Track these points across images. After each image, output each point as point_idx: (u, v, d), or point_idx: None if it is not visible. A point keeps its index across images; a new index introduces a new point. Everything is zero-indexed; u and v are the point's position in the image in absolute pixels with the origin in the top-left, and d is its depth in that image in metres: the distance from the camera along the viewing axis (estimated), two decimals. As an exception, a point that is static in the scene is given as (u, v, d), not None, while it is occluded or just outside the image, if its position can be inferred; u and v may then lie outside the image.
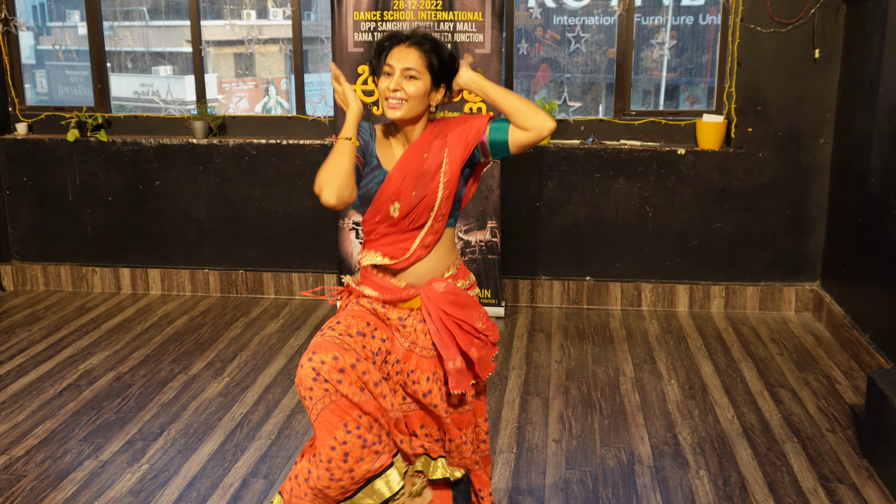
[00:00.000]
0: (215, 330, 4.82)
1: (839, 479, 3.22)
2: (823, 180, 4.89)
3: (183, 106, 5.61)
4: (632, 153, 4.96)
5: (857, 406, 3.78)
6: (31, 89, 5.96)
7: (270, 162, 5.20)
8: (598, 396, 3.94)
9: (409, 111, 2.28)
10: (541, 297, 5.20)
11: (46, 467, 3.34)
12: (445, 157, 2.31)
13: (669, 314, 5.05)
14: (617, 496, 3.13)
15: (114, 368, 4.29)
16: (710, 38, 5.28)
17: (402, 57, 2.26)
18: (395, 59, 2.27)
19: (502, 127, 2.29)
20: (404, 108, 2.27)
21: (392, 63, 2.27)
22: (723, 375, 4.16)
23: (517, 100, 2.26)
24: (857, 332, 4.33)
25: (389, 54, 2.29)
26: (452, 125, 2.35)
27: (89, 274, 5.50)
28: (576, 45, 5.25)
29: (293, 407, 3.84)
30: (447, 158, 2.31)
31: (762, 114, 4.86)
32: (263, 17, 5.60)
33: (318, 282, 5.32)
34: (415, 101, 2.27)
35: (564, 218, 5.08)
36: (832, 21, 4.69)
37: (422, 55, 2.27)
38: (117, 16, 5.60)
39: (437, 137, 2.34)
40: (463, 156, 2.31)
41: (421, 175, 2.31)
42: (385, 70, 2.29)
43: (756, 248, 5.02)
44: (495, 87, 2.31)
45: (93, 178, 5.35)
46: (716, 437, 3.54)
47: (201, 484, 3.21)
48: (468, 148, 2.31)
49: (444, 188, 2.31)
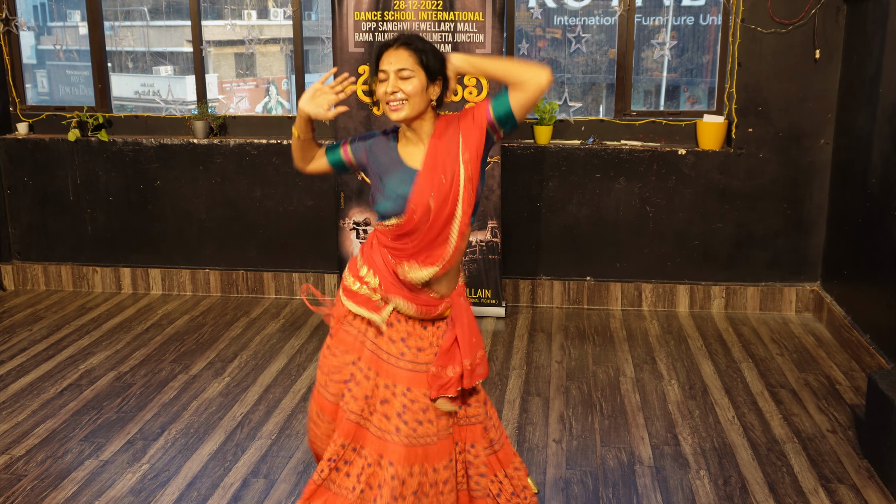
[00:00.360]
0: (216, 330, 4.82)
1: (840, 479, 3.22)
2: (824, 181, 4.89)
3: (184, 106, 5.62)
4: (632, 153, 4.96)
5: (857, 406, 3.78)
6: (32, 89, 5.96)
7: (271, 162, 5.20)
8: (599, 397, 3.95)
9: (411, 110, 2.31)
10: (541, 298, 5.20)
11: (47, 467, 3.34)
12: (461, 140, 2.35)
13: (670, 314, 5.05)
14: (617, 496, 3.13)
15: (114, 368, 4.29)
16: (710, 39, 5.28)
17: (392, 60, 2.31)
18: (386, 64, 2.32)
19: (501, 96, 2.33)
20: (406, 107, 2.30)
21: (385, 68, 2.32)
22: (723, 376, 4.17)
23: (508, 62, 2.32)
24: (857, 332, 4.33)
25: (380, 61, 2.34)
26: (461, 116, 2.40)
27: (90, 274, 5.50)
28: (576, 46, 5.25)
29: (293, 407, 3.84)
30: (462, 142, 2.34)
31: (763, 114, 4.86)
32: (264, 17, 5.60)
33: (318, 282, 5.32)
34: (414, 99, 2.30)
35: (565, 218, 5.08)
36: (833, 21, 4.69)
37: (411, 53, 2.31)
38: (118, 16, 5.60)
39: (449, 126, 2.39)
40: (479, 138, 2.35)
41: (446, 163, 2.35)
42: (380, 77, 2.33)
43: (756, 249, 5.02)
44: (485, 58, 2.41)
45: (93, 177, 5.36)
46: (716, 438, 3.55)
47: (202, 484, 3.22)
48: (481, 129, 2.35)
49: (465, 169, 2.34)
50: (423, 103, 2.33)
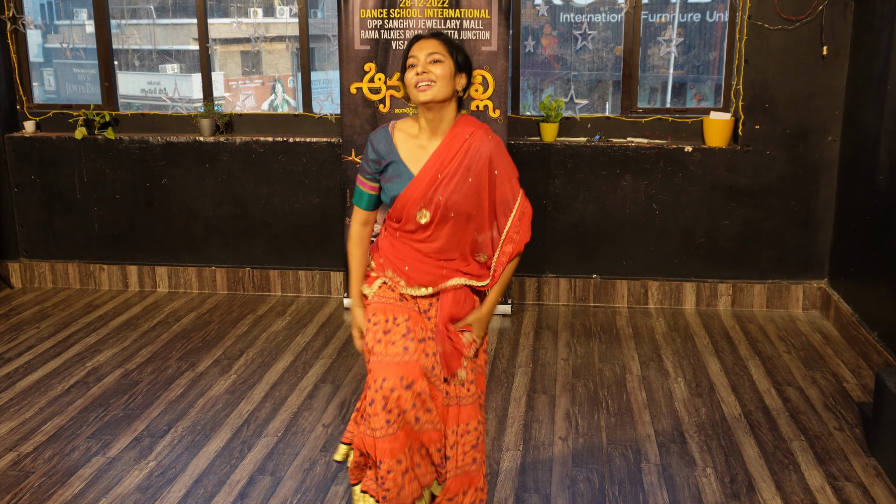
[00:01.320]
0: (222, 327, 4.83)
1: (846, 477, 3.21)
2: (831, 178, 4.88)
3: (190, 104, 5.62)
4: (639, 151, 4.95)
5: (864, 404, 3.77)
6: (39, 87, 5.98)
7: (277, 160, 5.21)
8: (605, 394, 3.94)
9: (438, 92, 2.39)
10: (547, 295, 5.20)
11: (54, 464, 3.35)
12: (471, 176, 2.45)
13: (676, 312, 5.04)
14: (623, 494, 3.12)
15: (121, 366, 4.30)
16: (717, 36, 5.27)
17: (423, 46, 2.43)
18: (417, 51, 2.43)
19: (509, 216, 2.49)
20: (433, 88, 2.39)
21: (415, 54, 2.42)
22: (730, 373, 4.16)
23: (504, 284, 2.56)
24: (864, 329, 4.32)
25: (410, 51, 2.44)
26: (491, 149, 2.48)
27: (97, 271, 5.52)
28: (582, 43, 5.24)
29: (300, 404, 3.85)
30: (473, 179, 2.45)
31: (770, 111, 4.84)
32: (270, 14, 5.60)
33: (324, 279, 5.33)
34: (442, 82, 2.39)
35: (571, 215, 5.08)
36: (840, 18, 4.67)
37: (442, 42, 2.44)
38: (124, 14, 5.61)
39: (470, 128, 2.48)
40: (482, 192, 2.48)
41: (454, 176, 2.44)
42: (409, 63, 2.43)
43: (763, 246, 5.00)
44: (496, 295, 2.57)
45: (100, 175, 5.37)
46: (723, 435, 3.54)
47: (208, 481, 3.22)
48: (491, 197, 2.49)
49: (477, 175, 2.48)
50: (450, 89, 2.42)
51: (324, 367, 4.26)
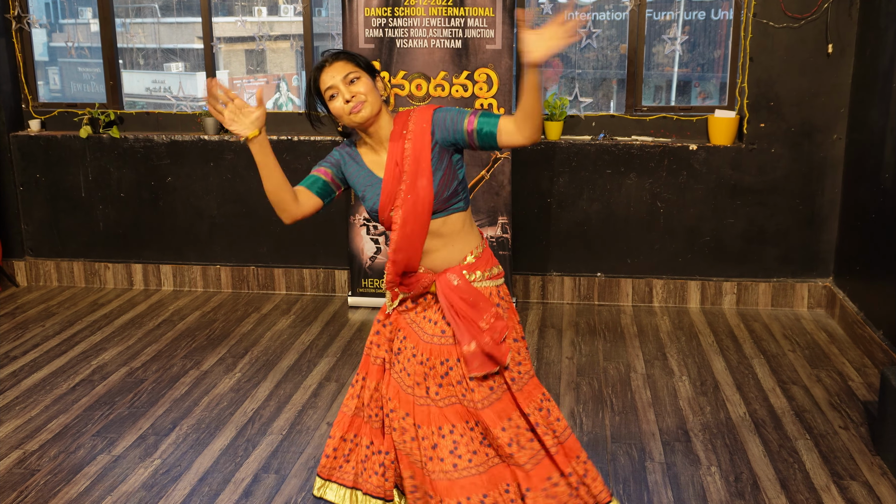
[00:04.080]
0: (227, 326, 4.84)
1: (852, 476, 3.21)
2: (836, 176, 4.87)
3: (194, 102, 5.63)
4: (643, 149, 4.94)
5: (870, 403, 3.76)
6: (44, 86, 5.99)
7: (281, 158, 5.21)
8: (609, 393, 3.94)
9: (373, 106, 2.35)
10: (552, 294, 5.20)
11: (60, 462, 3.36)
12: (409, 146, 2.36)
13: (681, 310, 5.04)
14: (628, 493, 3.12)
15: (126, 364, 4.31)
16: (722, 34, 5.26)
17: (333, 72, 2.36)
18: (329, 79, 2.36)
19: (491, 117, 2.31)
20: (367, 106, 2.34)
21: (330, 83, 2.36)
22: (734, 372, 4.15)
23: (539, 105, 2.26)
24: (870, 328, 4.31)
25: (320, 83, 2.38)
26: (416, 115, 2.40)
27: (102, 270, 5.53)
28: (587, 41, 5.24)
29: (304, 402, 3.85)
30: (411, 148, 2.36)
31: (775, 109, 4.83)
32: (274, 13, 5.60)
33: (328, 278, 5.33)
34: (371, 96, 2.35)
35: (575, 214, 5.07)
36: (845, 15, 4.66)
37: (347, 60, 2.37)
38: (129, 13, 5.62)
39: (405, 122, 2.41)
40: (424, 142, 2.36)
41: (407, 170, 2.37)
42: (329, 94, 2.37)
43: (768, 245, 4.99)
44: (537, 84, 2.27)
45: (105, 174, 5.38)
46: (727, 434, 3.53)
47: (213, 479, 3.23)
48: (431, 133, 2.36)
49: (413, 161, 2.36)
50: (378, 101, 2.37)
51: (328, 365, 4.27)
